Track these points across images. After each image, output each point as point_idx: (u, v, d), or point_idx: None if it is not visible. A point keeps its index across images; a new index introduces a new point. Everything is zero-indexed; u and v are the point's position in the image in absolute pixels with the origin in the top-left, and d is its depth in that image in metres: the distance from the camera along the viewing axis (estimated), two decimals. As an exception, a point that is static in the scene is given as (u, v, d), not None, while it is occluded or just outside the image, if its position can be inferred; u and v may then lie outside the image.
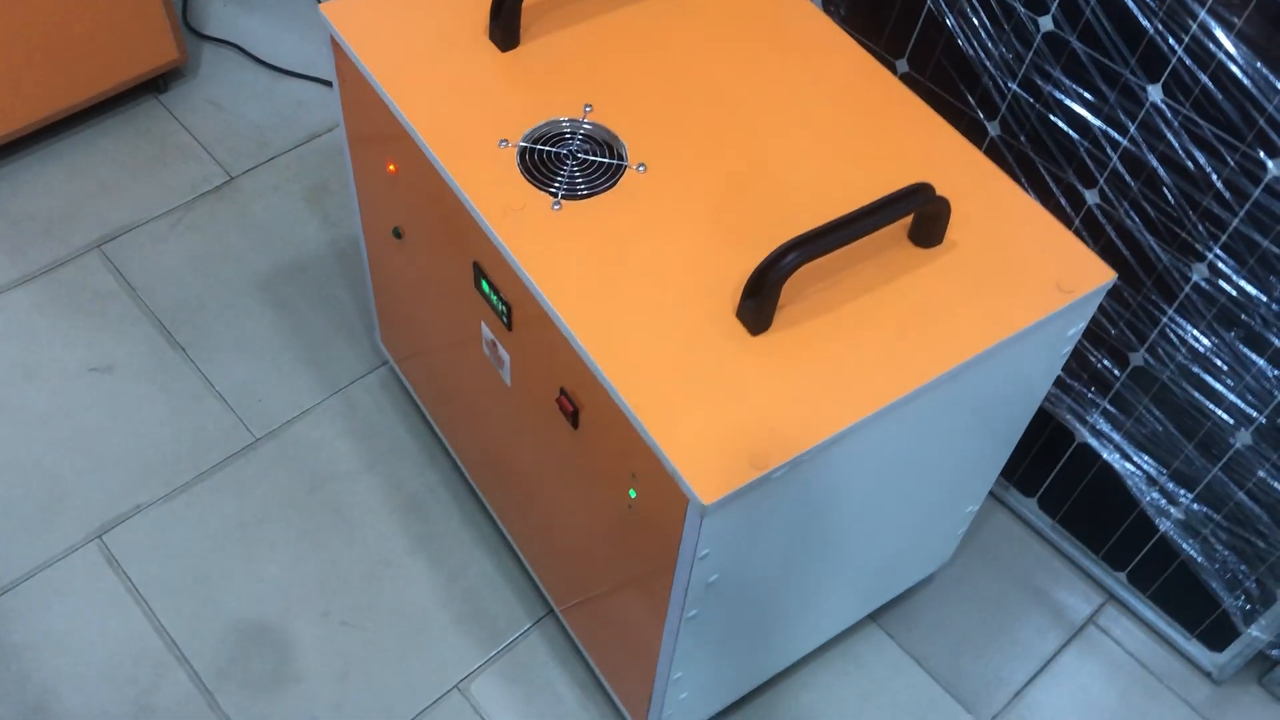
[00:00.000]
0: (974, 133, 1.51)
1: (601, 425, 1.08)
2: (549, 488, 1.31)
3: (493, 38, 1.26)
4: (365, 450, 1.72)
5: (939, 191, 1.16)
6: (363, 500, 1.67)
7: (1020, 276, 1.11)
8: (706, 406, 1.00)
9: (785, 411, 1.01)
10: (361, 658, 1.53)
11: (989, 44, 1.44)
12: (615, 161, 1.17)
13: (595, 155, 1.17)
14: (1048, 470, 1.65)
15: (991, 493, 1.73)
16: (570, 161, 1.16)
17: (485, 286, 1.19)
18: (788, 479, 1.01)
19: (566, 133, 1.18)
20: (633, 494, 1.08)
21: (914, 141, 1.21)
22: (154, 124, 2.09)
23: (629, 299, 1.07)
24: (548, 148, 1.17)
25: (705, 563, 1.04)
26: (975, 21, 1.44)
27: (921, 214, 1.10)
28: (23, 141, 2.02)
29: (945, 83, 1.51)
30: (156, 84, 2.11)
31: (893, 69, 1.56)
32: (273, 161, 2.05)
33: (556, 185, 1.14)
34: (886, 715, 1.52)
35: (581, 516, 1.25)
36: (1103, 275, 1.12)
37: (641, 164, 1.17)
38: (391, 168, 1.30)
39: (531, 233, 1.10)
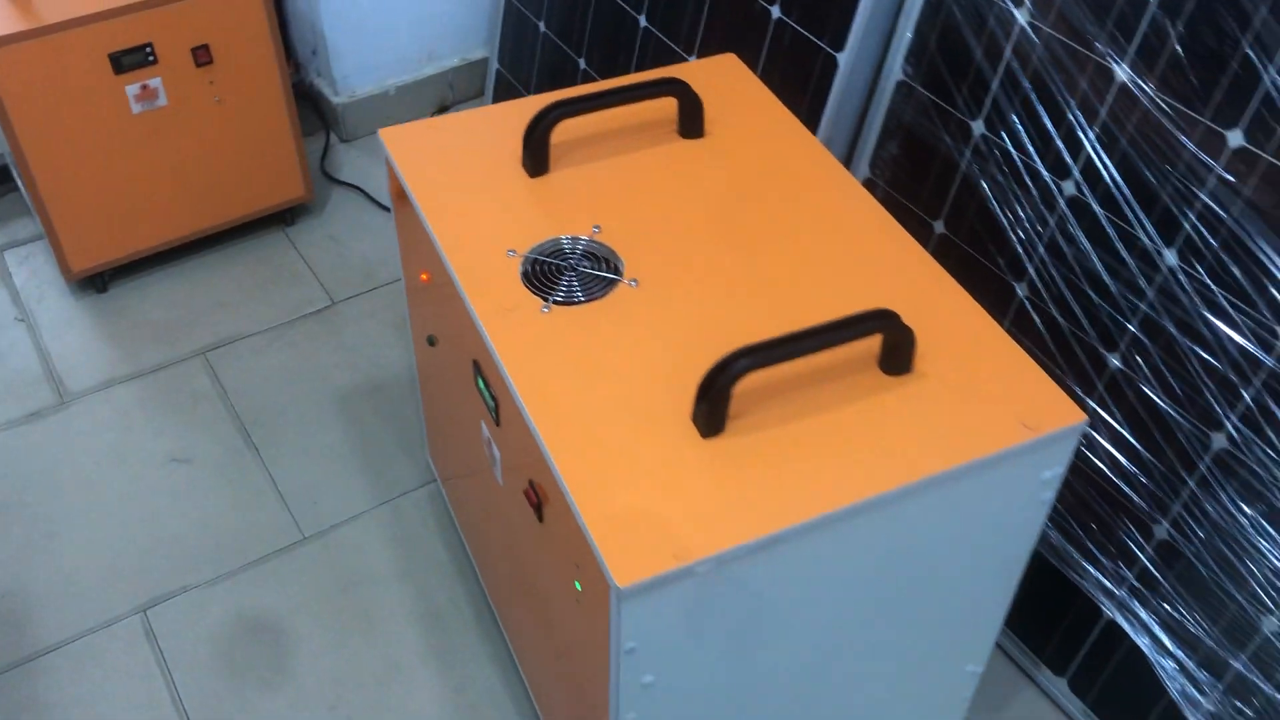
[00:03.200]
0: (1004, 294, 1.52)
1: (557, 515, 1.12)
2: (532, 593, 1.34)
3: (525, 164, 1.37)
4: (402, 558, 1.79)
5: (918, 324, 1.18)
6: (390, 606, 1.73)
7: (984, 410, 1.11)
8: (643, 498, 1.03)
9: (721, 511, 1.03)
10: (357, 755, 1.56)
11: (1017, 207, 1.47)
12: (611, 275, 1.24)
13: (593, 269, 1.25)
14: (1077, 648, 1.57)
15: (1022, 668, 1.65)
16: (569, 273, 1.24)
17: (481, 384, 1.27)
18: (719, 579, 1.02)
19: (571, 248, 1.27)
20: (578, 586, 1.11)
21: (905, 281, 1.25)
22: (276, 252, 2.30)
23: (595, 396, 1.12)
24: (550, 259, 1.26)
25: (634, 658, 1.05)
26: (1003, 185, 1.48)
27: (888, 341, 1.12)
28: (159, 257, 2.25)
29: (978, 244, 1.54)
30: (285, 217, 2.34)
31: (931, 230, 1.61)
32: (373, 292, 2.22)
33: (553, 294, 1.22)
34: None
35: (553, 620, 1.27)
36: (1072, 416, 1.11)
37: (634, 279, 1.24)
38: (424, 277, 1.42)
39: (518, 331, 1.18)
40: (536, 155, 1.35)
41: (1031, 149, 1.43)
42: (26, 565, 1.77)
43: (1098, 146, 1.35)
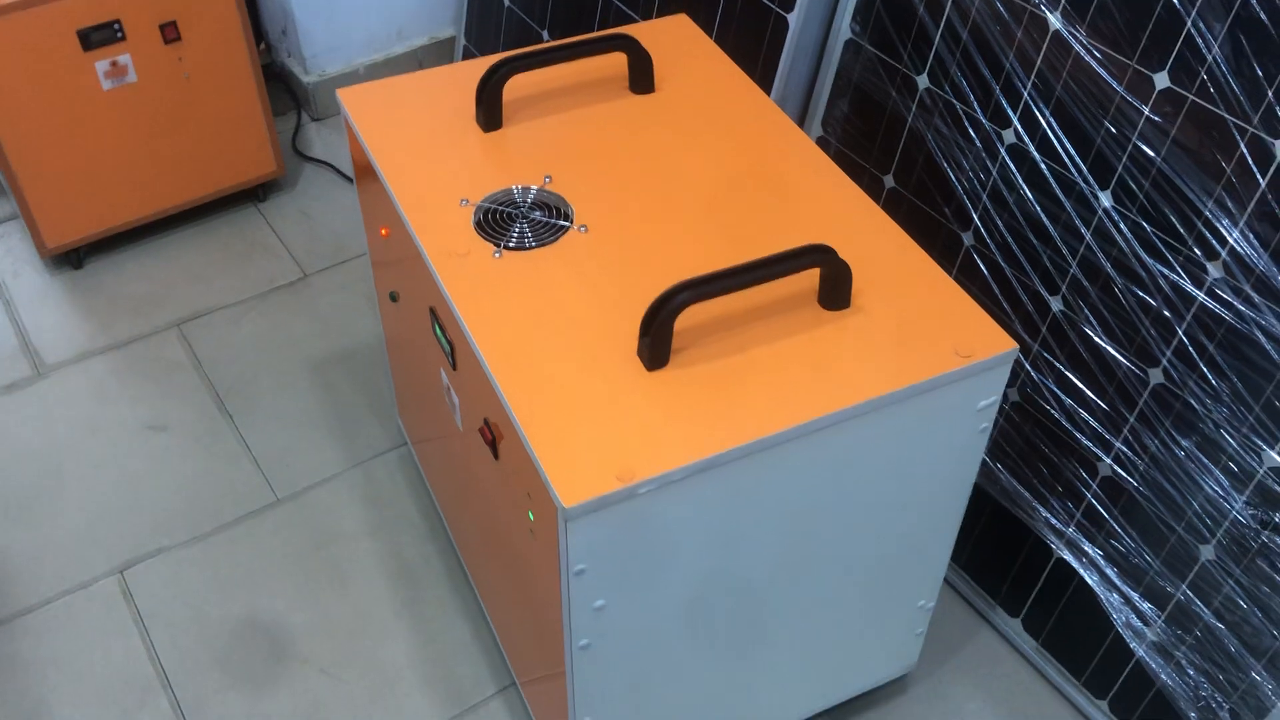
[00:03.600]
0: (952, 243, 1.57)
1: (511, 450, 1.16)
2: (493, 535, 1.38)
3: (478, 120, 1.41)
4: (373, 518, 1.82)
5: (857, 262, 1.22)
6: (362, 563, 1.77)
7: (919, 340, 1.16)
8: (589, 427, 1.07)
9: (663, 436, 1.07)
10: (330, 704, 1.60)
11: (961, 158, 1.52)
12: (561, 222, 1.28)
13: (543, 217, 1.29)
14: (1030, 588, 1.61)
15: (978, 611, 1.69)
16: (521, 220, 1.28)
17: (438, 330, 1.30)
18: (662, 501, 1.06)
19: (522, 197, 1.31)
20: (531, 516, 1.15)
21: (845, 223, 1.29)
22: (249, 227, 2.33)
23: (545, 334, 1.16)
24: (502, 207, 1.30)
25: (584, 580, 1.09)
26: (948, 137, 1.52)
27: (825, 276, 1.17)
28: (133, 233, 2.28)
29: (926, 196, 1.58)
30: (256, 193, 2.37)
31: (881, 184, 1.65)
32: (345, 264, 2.26)
33: (504, 240, 1.26)
34: (836, 820, 1.48)
35: (512, 559, 1.31)
36: (1002, 345, 1.15)
37: (584, 225, 1.28)
38: (384, 232, 1.45)
39: (471, 275, 1.22)
40: (489, 110, 1.39)
41: (973, 100, 1.47)
42: (4, 531, 1.80)
43: (1034, 95, 1.40)
